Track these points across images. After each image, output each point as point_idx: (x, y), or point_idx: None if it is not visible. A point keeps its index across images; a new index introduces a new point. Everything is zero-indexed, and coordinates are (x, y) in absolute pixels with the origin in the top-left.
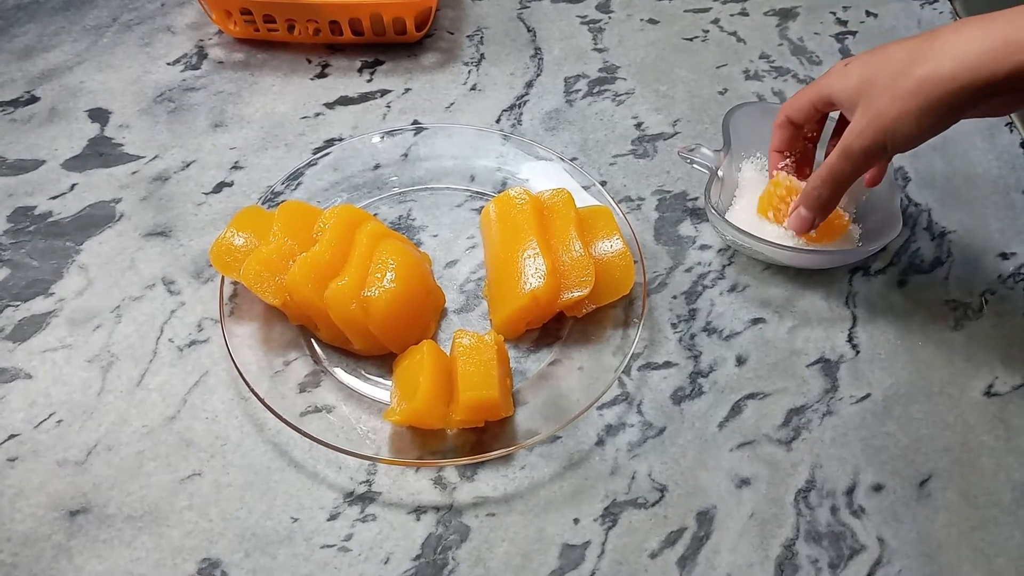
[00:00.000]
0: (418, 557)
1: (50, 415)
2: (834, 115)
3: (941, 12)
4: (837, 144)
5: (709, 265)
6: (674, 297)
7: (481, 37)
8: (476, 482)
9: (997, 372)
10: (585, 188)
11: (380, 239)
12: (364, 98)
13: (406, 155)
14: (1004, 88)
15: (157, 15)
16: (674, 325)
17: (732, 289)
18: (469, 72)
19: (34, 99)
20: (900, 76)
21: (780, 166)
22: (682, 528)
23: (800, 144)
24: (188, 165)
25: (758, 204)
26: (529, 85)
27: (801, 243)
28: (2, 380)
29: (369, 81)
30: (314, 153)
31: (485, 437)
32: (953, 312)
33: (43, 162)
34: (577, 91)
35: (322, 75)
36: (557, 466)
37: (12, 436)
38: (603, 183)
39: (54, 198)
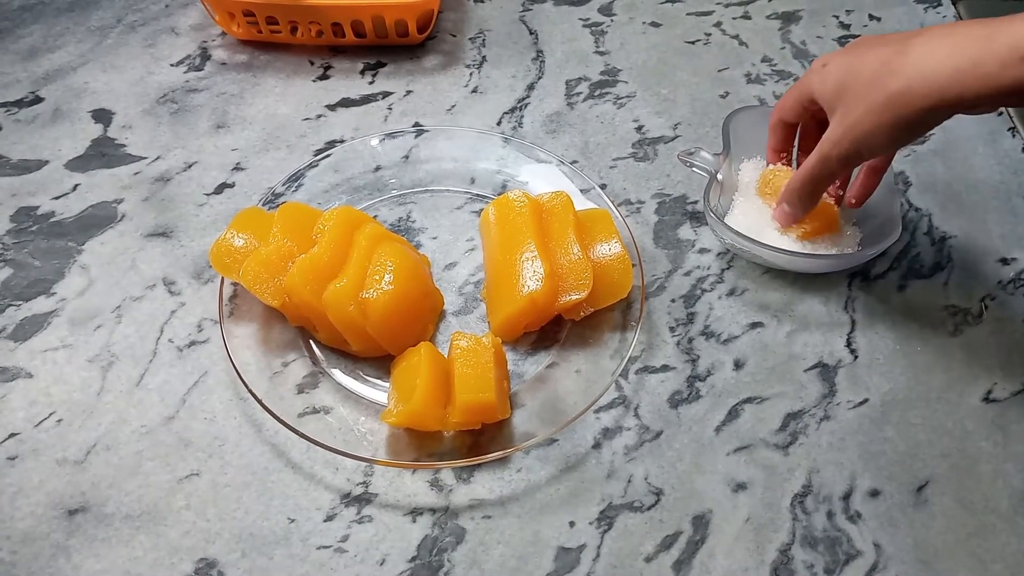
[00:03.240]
0: (414, 559)
1: (50, 414)
2: None
3: (944, 16)
4: (816, 147)
5: (708, 269)
6: (672, 301)
7: (483, 39)
8: (472, 484)
9: (996, 378)
10: (584, 191)
11: (379, 241)
12: (366, 100)
13: (407, 157)
14: (972, 106)
15: (161, 16)
16: (672, 329)
17: (731, 293)
18: (471, 74)
19: (38, 99)
20: (873, 88)
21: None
22: (678, 532)
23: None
24: (190, 166)
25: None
26: (530, 88)
27: (800, 247)
28: (3, 379)
29: (371, 83)
30: (315, 155)
31: (482, 439)
32: (953, 317)
33: (46, 162)
34: (578, 94)
35: (324, 77)
36: (553, 469)
37: (12, 435)
38: (603, 186)
39: (57, 198)
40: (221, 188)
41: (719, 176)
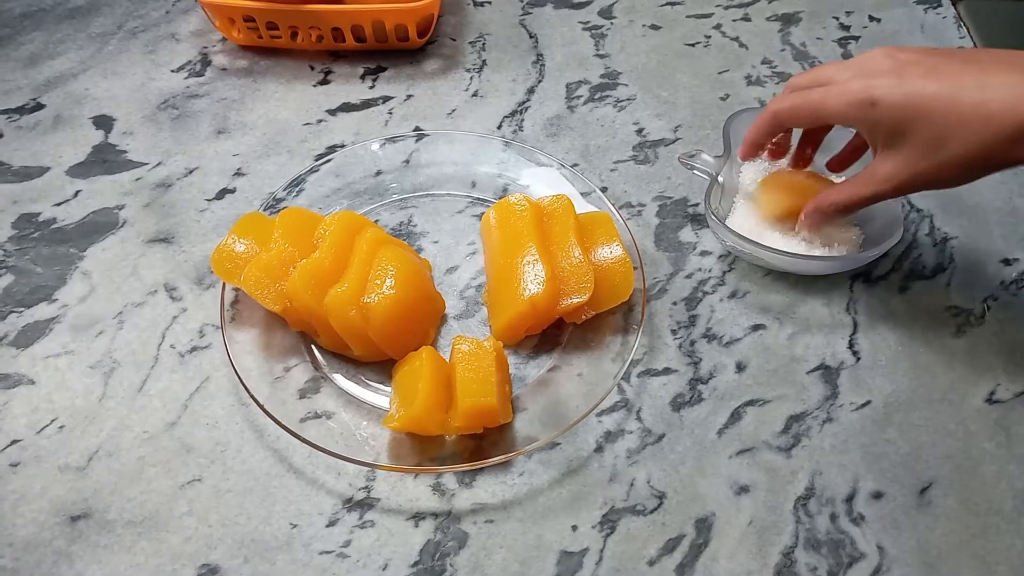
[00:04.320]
0: (416, 564)
1: (52, 421)
2: None
3: (944, 17)
4: (864, 176)
5: (709, 271)
6: (674, 303)
7: (483, 43)
8: (475, 489)
9: (999, 379)
10: (585, 194)
11: (380, 245)
12: (366, 105)
13: (407, 161)
14: None
15: (162, 22)
16: (674, 331)
17: (732, 295)
18: (471, 78)
19: (39, 106)
20: (947, 141)
21: (759, 155)
22: (680, 535)
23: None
24: (191, 172)
25: (766, 205)
26: (531, 91)
27: (802, 249)
28: (5, 386)
29: (371, 88)
30: (316, 160)
31: (484, 443)
32: (955, 318)
33: (48, 169)
34: (579, 97)
35: (324, 82)
36: (556, 473)
37: (14, 441)
38: (604, 189)
39: (58, 205)
40: (222, 194)
41: (720, 178)
